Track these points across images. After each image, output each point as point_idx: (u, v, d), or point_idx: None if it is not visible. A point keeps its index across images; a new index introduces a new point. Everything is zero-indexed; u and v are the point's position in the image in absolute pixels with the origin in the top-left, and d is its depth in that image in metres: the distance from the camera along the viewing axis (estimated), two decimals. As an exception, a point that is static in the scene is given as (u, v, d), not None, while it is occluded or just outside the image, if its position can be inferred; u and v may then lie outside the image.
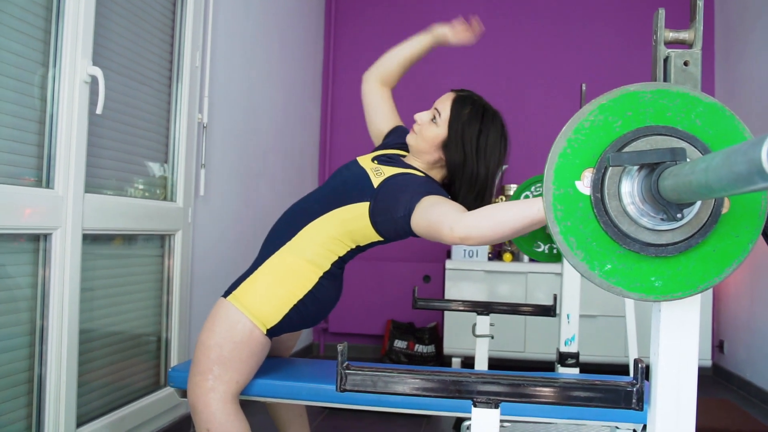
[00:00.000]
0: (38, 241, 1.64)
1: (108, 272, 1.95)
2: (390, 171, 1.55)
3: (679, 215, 0.77)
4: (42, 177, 1.64)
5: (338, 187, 1.59)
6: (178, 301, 2.27)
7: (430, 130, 1.58)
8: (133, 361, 2.08)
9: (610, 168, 0.79)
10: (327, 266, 1.54)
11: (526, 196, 2.06)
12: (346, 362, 0.91)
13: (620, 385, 0.95)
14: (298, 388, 1.51)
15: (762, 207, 0.80)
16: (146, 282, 2.17)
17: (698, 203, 0.78)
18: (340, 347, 0.90)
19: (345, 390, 0.91)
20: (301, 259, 1.52)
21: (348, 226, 1.52)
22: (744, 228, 0.80)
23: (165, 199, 2.26)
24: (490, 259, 3.62)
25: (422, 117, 1.60)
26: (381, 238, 1.52)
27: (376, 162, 1.61)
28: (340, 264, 1.57)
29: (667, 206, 0.76)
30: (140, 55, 2.06)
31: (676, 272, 0.81)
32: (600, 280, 0.82)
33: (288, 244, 1.55)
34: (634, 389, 0.94)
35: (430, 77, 4.09)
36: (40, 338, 1.64)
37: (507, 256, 3.60)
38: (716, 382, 3.65)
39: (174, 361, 2.26)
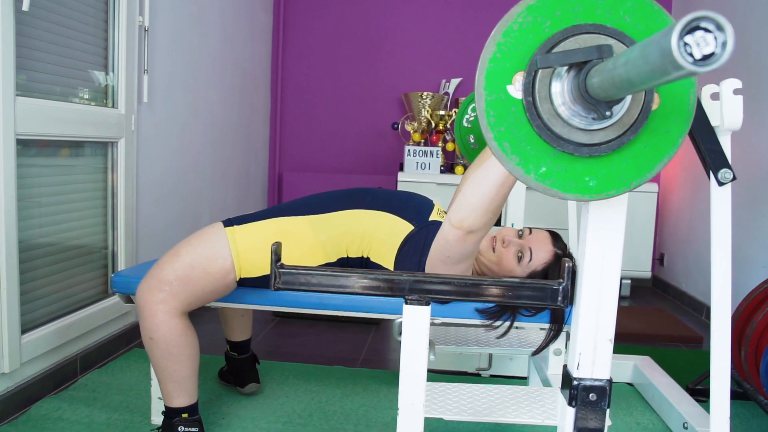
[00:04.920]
0: (-32, 144, 1.57)
1: (50, 180, 1.90)
2: None
3: (608, 113, 0.77)
4: (-33, 77, 1.56)
5: (401, 197, 1.55)
6: (123, 210, 2.23)
7: (509, 262, 1.48)
8: (79, 270, 2.06)
9: (540, 70, 0.78)
10: (333, 258, 1.49)
11: (473, 109, 2.04)
12: (280, 261, 0.92)
13: (547, 284, 0.98)
14: (242, 292, 1.53)
15: (690, 102, 0.80)
16: (91, 191, 2.12)
17: (628, 100, 0.78)
18: (273, 246, 0.90)
19: (279, 288, 0.92)
20: (315, 237, 1.47)
21: (378, 233, 1.47)
22: (674, 123, 0.81)
23: (106, 105, 2.18)
24: (442, 171, 3.63)
25: (511, 239, 1.49)
26: (390, 269, 1.46)
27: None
28: (344, 264, 1.51)
29: (597, 105, 0.76)
30: (71, -52, 1.92)
31: (610, 170, 0.82)
32: (536, 183, 0.82)
33: (317, 216, 1.50)
34: (560, 288, 0.97)
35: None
36: (-23, 245, 1.61)
37: (459, 168, 3.63)
38: (654, 292, 3.84)
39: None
